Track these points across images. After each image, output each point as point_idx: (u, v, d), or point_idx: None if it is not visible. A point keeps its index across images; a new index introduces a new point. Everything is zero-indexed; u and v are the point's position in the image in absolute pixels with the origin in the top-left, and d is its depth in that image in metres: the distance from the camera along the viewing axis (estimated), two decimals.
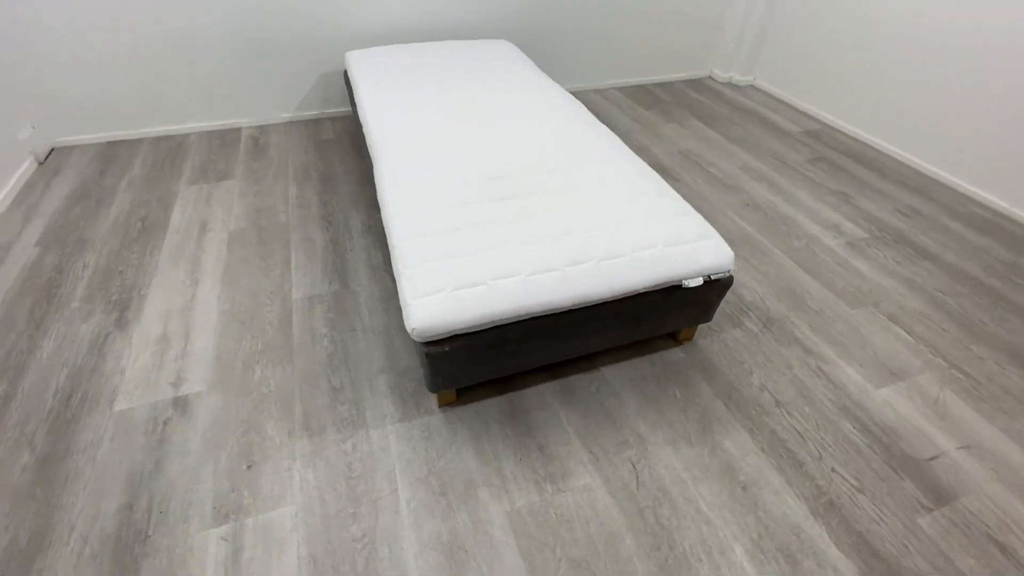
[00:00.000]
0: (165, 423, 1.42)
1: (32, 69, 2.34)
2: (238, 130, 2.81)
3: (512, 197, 1.53)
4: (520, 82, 2.23)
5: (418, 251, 1.34)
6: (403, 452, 1.38)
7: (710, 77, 3.72)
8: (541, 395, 1.54)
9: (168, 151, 2.59)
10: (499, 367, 1.42)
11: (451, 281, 1.26)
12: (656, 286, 1.38)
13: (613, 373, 1.61)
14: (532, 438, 1.43)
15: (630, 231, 1.42)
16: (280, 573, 1.14)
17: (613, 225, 1.43)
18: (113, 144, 2.64)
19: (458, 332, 1.26)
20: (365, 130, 1.96)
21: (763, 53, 3.48)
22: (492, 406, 1.50)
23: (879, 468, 1.38)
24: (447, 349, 1.28)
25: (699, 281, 1.40)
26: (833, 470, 1.37)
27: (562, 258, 1.33)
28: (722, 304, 1.88)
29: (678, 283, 1.41)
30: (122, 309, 1.73)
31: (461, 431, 1.44)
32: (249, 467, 1.32)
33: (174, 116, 2.69)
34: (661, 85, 3.58)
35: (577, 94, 3.39)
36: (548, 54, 3.18)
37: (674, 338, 1.73)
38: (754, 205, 2.39)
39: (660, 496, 1.31)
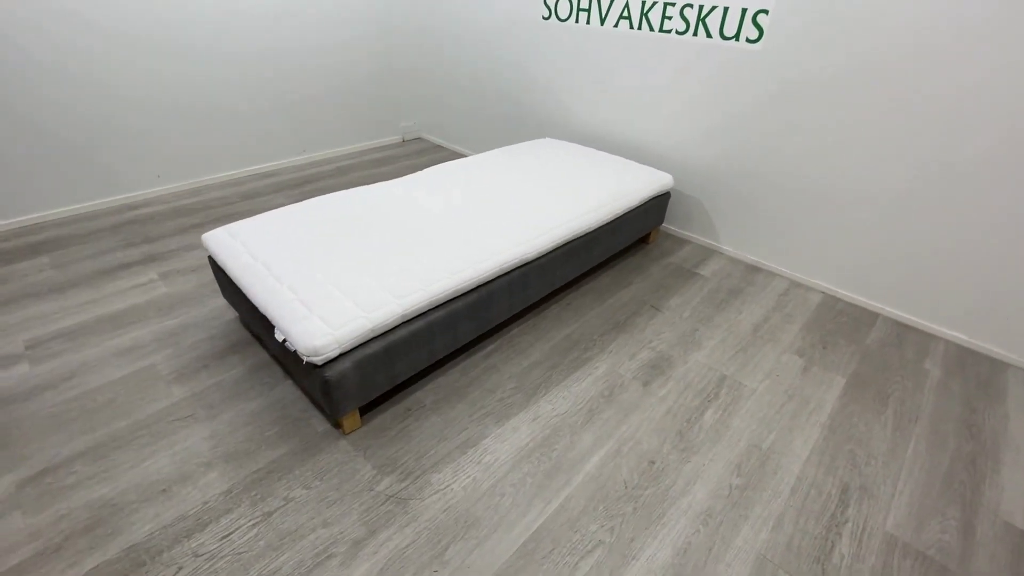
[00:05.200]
0: None
1: (427, 90, 4.14)
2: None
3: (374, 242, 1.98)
4: (576, 199, 2.31)
5: (264, 217, 2.06)
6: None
7: None
8: (255, 354, 1.99)
9: (440, 158, 3.99)
10: (242, 312, 1.99)
11: (234, 231, 1.95)
12: (266, 315, 1.61)
13: (287, 389, 1.85)
14: (220, 360, 1.96)
15: (322, 282, 1.66)
16: None
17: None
18: (435, 146, 4.26)
19: (210, 254, 1.95)
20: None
21: None
22: (246, 335, 2.09)
23: None
24: (214, 266, 2.00)
25: (281, 337, 1.52)
26: None
27: (277, 269, 1.74)
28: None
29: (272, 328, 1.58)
30: None
31: (220, 327, 2.12)
32: None
33: (454, 138, 4.06)
34: (903, 327, 2.31)
35: (757, 271, 2.70)
36: (747, 214, 2.69)
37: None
38: (657, 472, 1.61)
39: (157, 431, 1.65)
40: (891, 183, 2.19)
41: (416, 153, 4.11)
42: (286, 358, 1.71)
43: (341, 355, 1.52)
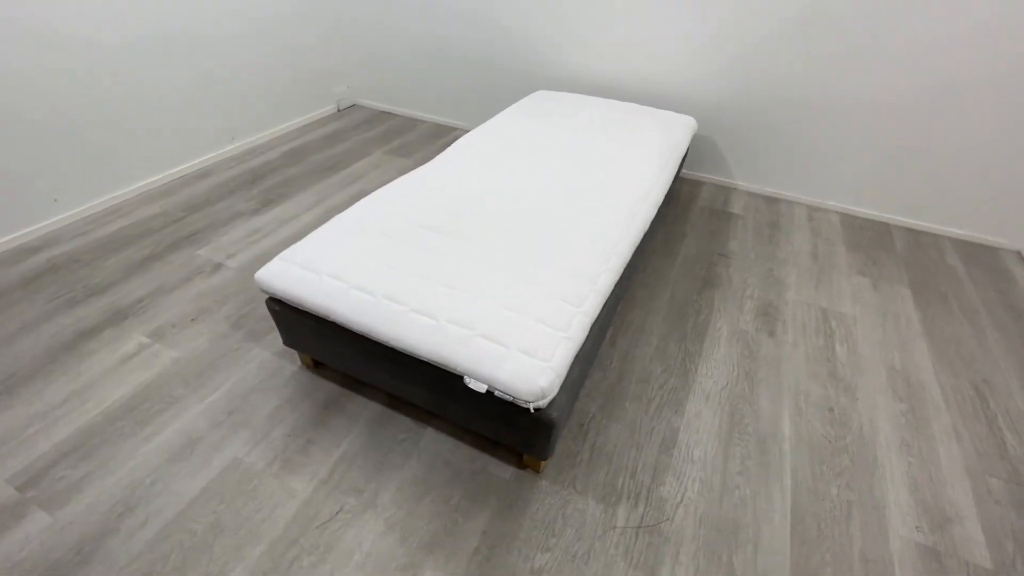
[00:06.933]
0: None
1: (359, 53, 3.50)
2: (453, 129, 3.49)
3: (455, 237, 1.59)
4: (628, 155, 2.12)
5: (324, 235, 1.59)
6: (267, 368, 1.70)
7: (1020, 254, 2.49)
8: (364, 406, 1.60)
9: (397, 127, 3.47)
10: (333, 358, 1.56)
11: (305, 260, 1.48)
12: (437, 363, 1.26)
13: (433, 439, 1.52)
14: (322, 426, 1.53)
15: (489, 306, 1.32)
16: None
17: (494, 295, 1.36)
18: (381, 112, 3.69)
19: (279, 296, 1.47)
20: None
21: None
22: (331, 386, 1.65)
23: None
24: (277, 308, 1.52)
25: (482, 388, 1.21)
26: None
27: (414, 301, 1.33)
28: (620, 475, 1.46)
29: (460, 375, 1.25)
30: None
31: (290, 383, 1.65)
32: None
33: (404, 102, 3.56)
34: (914, 232, 2.61)
35: (776, 201, 2.82)
36: (758, 146, 2.76)
37: (520, 458, 1.48)
38: (841, 417, 1.65)
39: (316, 544, 1.25)
40: (902, 102, 2.37)
41: (365, 123, 3.51)
42: (442, 403, 1.39)
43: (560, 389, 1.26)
